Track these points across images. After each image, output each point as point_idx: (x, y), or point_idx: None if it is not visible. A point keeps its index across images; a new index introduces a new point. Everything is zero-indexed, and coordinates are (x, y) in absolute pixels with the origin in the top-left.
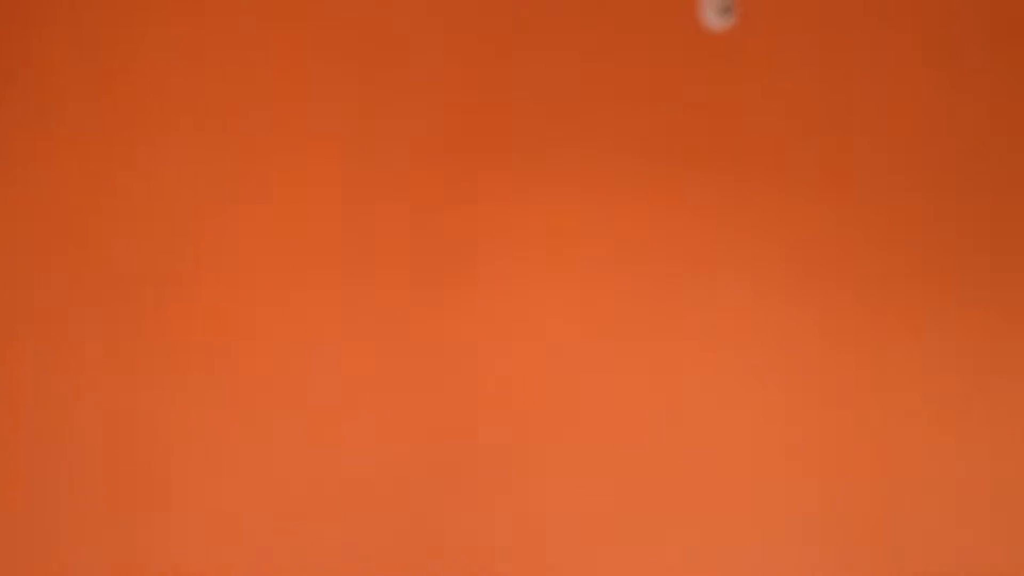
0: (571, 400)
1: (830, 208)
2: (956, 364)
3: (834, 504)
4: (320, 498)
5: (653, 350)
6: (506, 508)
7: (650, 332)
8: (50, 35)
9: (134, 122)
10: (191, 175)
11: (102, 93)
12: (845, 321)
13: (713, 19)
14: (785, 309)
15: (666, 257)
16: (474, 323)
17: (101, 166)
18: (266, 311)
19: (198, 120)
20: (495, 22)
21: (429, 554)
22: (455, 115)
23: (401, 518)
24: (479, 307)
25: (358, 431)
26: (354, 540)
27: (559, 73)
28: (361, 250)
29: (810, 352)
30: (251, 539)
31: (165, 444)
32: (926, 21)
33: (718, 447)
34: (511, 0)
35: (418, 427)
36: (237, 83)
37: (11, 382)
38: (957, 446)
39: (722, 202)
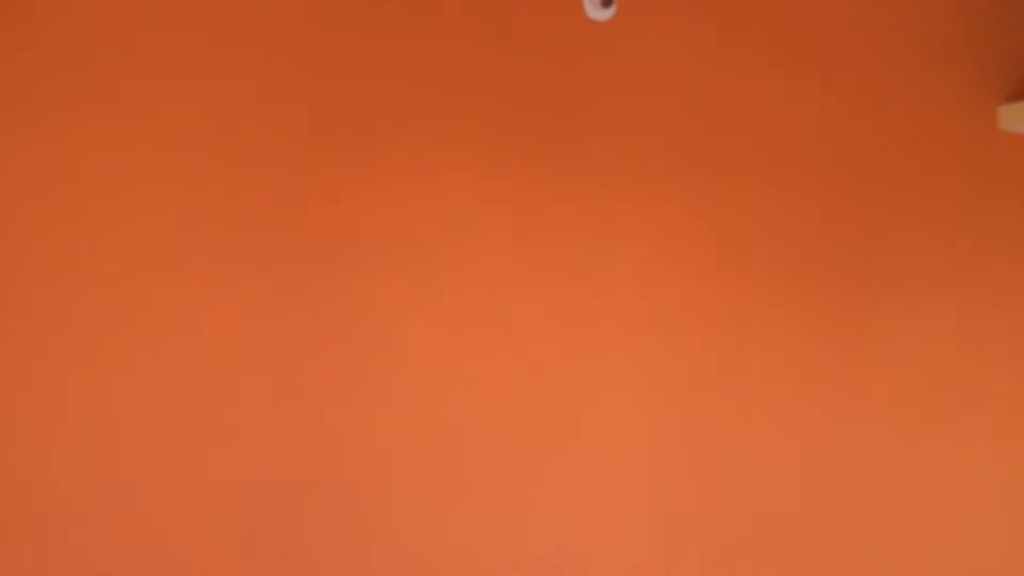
0: (462, 393)
1: (703, 194)
2: (829, 345)
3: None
4: (192, 501)
5: (543, 338)
6: (385, 505)
7: (538, 320)
8: None
9: None
10: (49, 172)
11: None
12: (722, 305)
13: (594, 11)
14: (663, 295)
15: (561, 243)
16: (359, 314)
17: None
18: (143, 308)
19: (59, 113)
20: (372, 11)
21: (302, 559)
22: (332, 102)
23: (275, 517)
24: (365, 298)
25: (238, 429)
26: (224, 542)
27: (443, 60)
28: (238, 244)
29: (695, 336)
30: (120, 543)
31: (35, 450)
32: (802, 19)
33: (620, 433)
34: None
35: (302, 425)
36: (103, 71)
37: None
38: (823, 421)
39: (603, 189)
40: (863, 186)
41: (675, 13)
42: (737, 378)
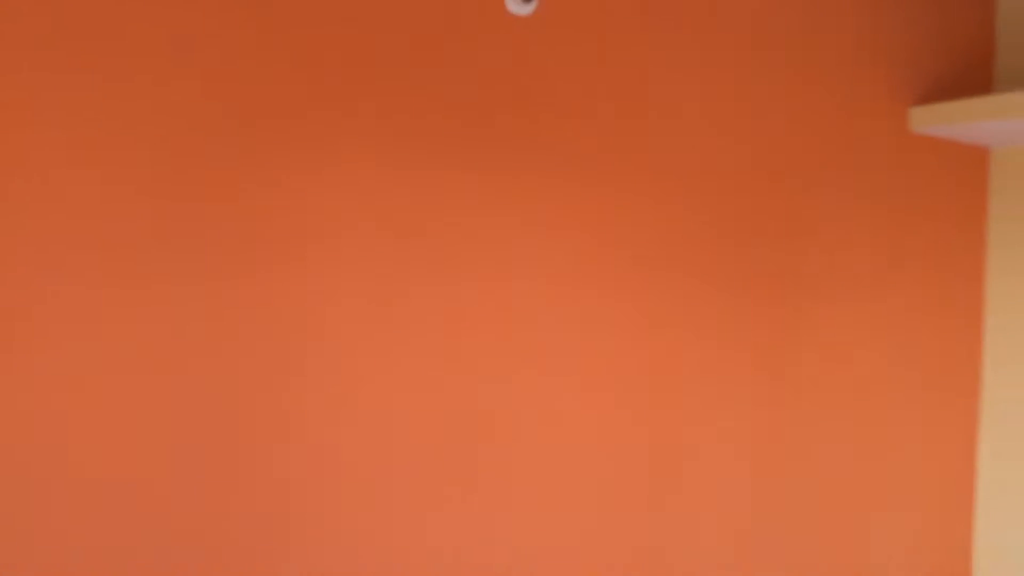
0: (394, 389)
1: (618, 194)
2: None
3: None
4: (103, 509)
5: (447, 339)
6: (317, 508)
7: (445, 320)
8: None
9: None
10: None
11: None
12: (648, 306)
13: (514, 5)
14: (575, 295)
15: (471, 243)
16: (284, 309)
17: None
18: (44, 308)
19: None
20: None
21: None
22: (253, 90)
23: (196, 519)
24: (288, 295)
25: (154, 437)
26: (134, 551)
27: (354, 51)
28: (143, 239)
29: (603, 336)
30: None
31: None
32: (729, 23)
33: (515, 435)
34: None
35: (191, 427)
36: None
37: None
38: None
39: (519, 185)
40: (783, 189)
41: (593, 13)
42: (665, 377)
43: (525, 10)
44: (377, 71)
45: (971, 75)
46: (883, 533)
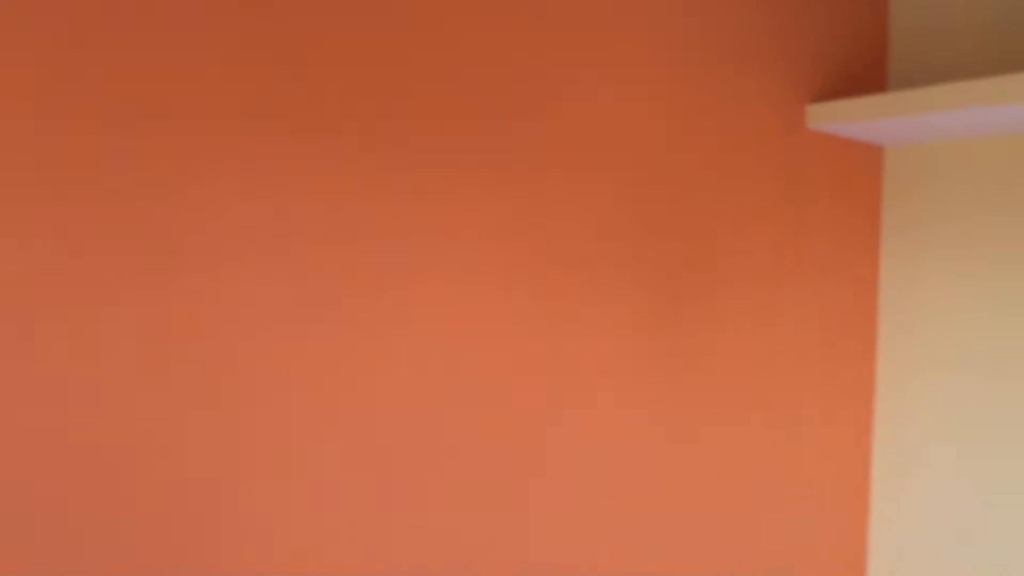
0: (283, 408)
1: (525, 194)
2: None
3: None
4: None
5: (352, 341)
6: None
7: (344, 320)
8: None
9: None
10: None
11: None
12: (548, 306)
13: None
14: (486, 297)
15: (381, 243)
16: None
17: None
18: None
19: None
20: None
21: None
22: (117, 93)
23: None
24: (171, 308)
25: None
26: None
27: (223, 39)
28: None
29: (504, 331)
30: None
31: None
32: (627, 16)
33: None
34: None
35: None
36: None
37: None
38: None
39: (399, 175)
40: (687, 186)
41: (490, 7)
42: (565, 379)
43: None
44: (274, 69)
45: (867, 74)
46: (776, 526)
